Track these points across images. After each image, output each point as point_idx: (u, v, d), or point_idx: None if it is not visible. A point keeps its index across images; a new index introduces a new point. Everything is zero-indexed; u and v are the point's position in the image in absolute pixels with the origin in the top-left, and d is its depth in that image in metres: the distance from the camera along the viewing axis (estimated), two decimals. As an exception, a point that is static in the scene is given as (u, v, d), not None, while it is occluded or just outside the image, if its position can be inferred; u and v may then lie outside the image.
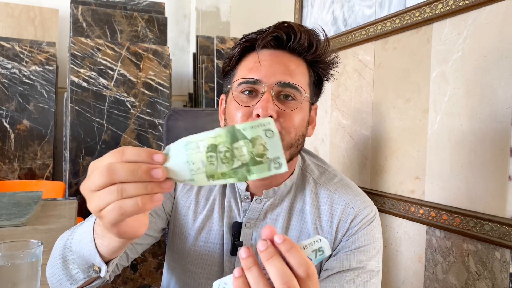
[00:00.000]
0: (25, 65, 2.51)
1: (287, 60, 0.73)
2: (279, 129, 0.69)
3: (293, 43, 0.73)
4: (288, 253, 0.41)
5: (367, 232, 0.74)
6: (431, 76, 1.13)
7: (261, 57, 0.73)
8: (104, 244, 0.57)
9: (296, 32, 0.73)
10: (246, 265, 0.42)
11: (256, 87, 0.71)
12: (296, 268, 0.41)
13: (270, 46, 0.74)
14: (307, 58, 0.76)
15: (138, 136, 2.46)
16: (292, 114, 0.71)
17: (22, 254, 0.60)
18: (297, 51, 0.74)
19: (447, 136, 1.08)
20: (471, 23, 1.02)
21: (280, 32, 0.72)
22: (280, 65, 0.72)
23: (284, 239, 0.42)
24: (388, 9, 1.28)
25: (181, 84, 3.30)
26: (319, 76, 0.79)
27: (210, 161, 0.42)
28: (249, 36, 0.75)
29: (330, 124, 1.59)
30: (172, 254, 0.88)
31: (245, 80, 0.72)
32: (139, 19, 2.68)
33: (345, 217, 0.75)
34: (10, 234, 1.05)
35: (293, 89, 0.71)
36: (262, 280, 0.41)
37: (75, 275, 0.65)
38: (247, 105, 0.71)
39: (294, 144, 0.73)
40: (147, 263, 2.36)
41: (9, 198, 1.41)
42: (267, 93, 0.69)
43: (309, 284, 0.42)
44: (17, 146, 2.47)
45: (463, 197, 1.04)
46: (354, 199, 0.77)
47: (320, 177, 0.81)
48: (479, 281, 1.01)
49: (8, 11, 2.69)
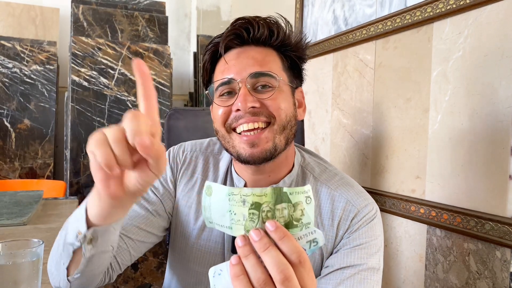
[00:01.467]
0: (26, 65, 2.51)
1: (254, 52, 0.75)
2: (267, 113, 0.71)
3: (254, 35, 0.74)
4: (281, 241, 0.43)
5: (368, 230, 0.74)
6: (432, 76, 1.13)
7: (228, 58, 0.75)
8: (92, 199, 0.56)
9: (254, 24, 0.74)
10: (243, 253, 0.43)
11: (232, 86, 0.73)
12: (289, 255, 0.43)
13: (235, 45, 0.76)
14: (273, 45, 0.77)
15: (139, 135, 2.46)
16: (274, 99, 0.72)
17: (23, 253, 0.60)
18: (261, 41, 0.75)
19: (447, 136, 1.08)
20: (472, 22, 1.01)
21: (239, 29, 0.74)
22: (248, 59, 0.74)
23: (276, 227, 0.43)
24: (388, 8, 1.28)
25: (182, 84, 3.30)
26: (292, 60, 0.79)
27: (251, 218, 0.44)
28: (213, 42, 0.78)
29: (331, 123, 1.59)
30: (174, 253, 0.88)
31: (220, 82, 0.74)
32: (139, 19, 2.68)
33: (346, 214, 0.75)
34: (11, 233, 1.05)
35: (267, 76, 0.72)
36: (259, 268, 0.42)
37: (66, 248, 0.63)
38: (226, 105, 0.73)
39: (287, 126, 0.74)
40: (148, 262, 2.36)
41: (10, 197, 1.41)
42: (243, 88, 0.71)
43: (302, 271, 0.43)
44: (18, 146, 2.47)
45: (464, 196, 1.04)
46: (355, 197, 0.76)
47: (321, 175, 0.81)
48: (480, 281, 1.01)
49: (9, 10, 2.69)
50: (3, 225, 1.11)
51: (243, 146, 0.71)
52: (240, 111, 0.71)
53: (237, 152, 0.73)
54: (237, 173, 0.81)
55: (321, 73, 1.66)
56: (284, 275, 0.42)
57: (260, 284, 0.42)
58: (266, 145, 0.71)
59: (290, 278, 0.42)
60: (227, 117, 0.73)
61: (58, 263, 0.66)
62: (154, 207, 0.82)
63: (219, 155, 0.87)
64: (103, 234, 0.60)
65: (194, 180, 0.85)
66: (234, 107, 0.71)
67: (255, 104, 0.70)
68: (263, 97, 0.72)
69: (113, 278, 0.76)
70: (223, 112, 0.73)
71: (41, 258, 0.62)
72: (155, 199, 0.83)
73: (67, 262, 0.63)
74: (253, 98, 0.71)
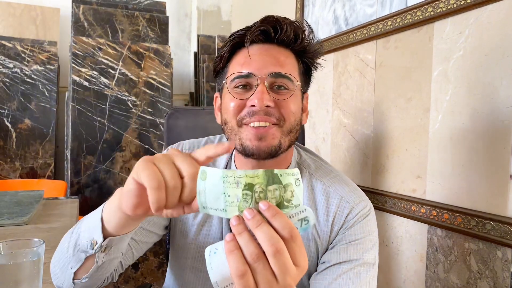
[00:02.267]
0: (26, 65, 2.51)
1: (276, 52, 0.75)
2: (278, 116, 0.72)
3: (280, 35, 0.75)
4: (273, 218, 0.44)
5: (363, 225, 0.75)
6: (433, 75, 1.13)
7: (251, 52, 0.75)
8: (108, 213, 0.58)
9: (282, 24, 0.74)
10: (237, 231, 0.45)
11: (249, 80, 0.73)
12: (281, 230, 0.44)
13: (259, 40, 0.76)
14: (294, 49, 0.78)
15: (140, 135, 2.46)
16: (288, 101, 0.73)
17: (24, 253, 0.60)
18: (285, 42, 0.76)
19: (448, 135, 1.08)
20: (473, 22, 1.01)
21: (267, 26, 0.74)
22: (270, 57, 0.74)
23: (268, 205, 0.45)
24: (389, 8, 1.28)
25: (182, 83, 3.30)
26: (307, 66, 0.81)
27: (244, 198, 0.46)
28: (238, 33, 0.77)
29: (332, 123, 1.59)
30: (173, 251, 0.88)
31: (238, 75, 0.74)
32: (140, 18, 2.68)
33: (341, 211, 0.76)
34: (12, 233, 1.05)
35: (285, 78, 0.73)
36: (252, 243, 0.44)
37: (77, 254, 0.64)
38: (241, 98, 0.73)
39: (294, 129, 0.75)
40: (149, 262, 2.36)
41: (10, 197, 1.42)
42: (261, 85, 0.71)
43: (294, 246, 0.45)
44: (18, 145, 2.48)
45: (465, 196, 1.04)
46: (349, 193, 0.78)
47: (316, 171, 0.82)
48: (481, 280, 1.01)
49: (10, 10, 2.69)
50: (4, 225, 1.11)
51: (251, 138, 0.72)
52: (255, 107, 0.71)
53: (243, 144, 0.73)
54: (238, 168, 0.82)
55: (321, 73, 1.66)
56: (275, 248, 0.43)
57: (253, 258, 0.44)
58: (273, 141, 0.72)
59: (281, 251, 0.43)
60: (240, 110, 0.73)
61: (65, 266, 0.67)
62: None
63: None
64: (117, 243, 0.62)
65: None
66: (250, 103, 0.71)
67: (270, 103, 0.71)
68: (279, 98, 0.73)
69: (115, 278, 0.76)
70: (237, 105, 0.73)
71: (42, 258, 0.62)
72: None
73: (76, 267, 0.64)
74: (270, 97, 0.71)
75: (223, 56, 0.79)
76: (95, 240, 0.60)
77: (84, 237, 0.62)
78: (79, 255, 0.63)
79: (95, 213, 0.62)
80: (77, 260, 0.64)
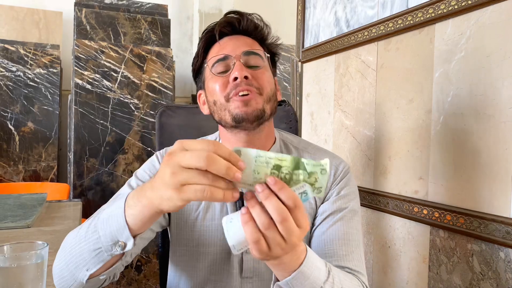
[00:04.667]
0: (29, 68, 2.52)
1: (243, 39, 0.89)
2: (257, 85, 0.83)
3: (244, 24, 0.88)
4: (280, 191, 0.53)
5: (347, 181, 0.91)
6: (434, 76, 1.13)
7: (222, 43, 0.88)
8: (135, 215, 0.61)
9: (244, 17, 0.89)
10: (250, 204, 0.54)
11: (227, 62, 0.85)
12: (286, 200, 0.53)
13: (227, 32, 0.89)
14: (257, 37, 0.91)
15: (142, 137, 2.47)
16: (262, 74, 0.85)
17: (27, 256, 0.61)
18: (248, 31, 0.89)
19: (450, 137, 1.08)
20: (474, 23, 1.02)
21: (231, 18, 0.88)
22: (240, 41, 0.87)
23: (275, 181, 0.53)
24: (390, 9, 1.28)
25: (185, 86, 3.31)
26: (270, 53, 0.94)
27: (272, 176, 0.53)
28: (208, 29, 0.91)
29: (333, 124, 1.59)
30: (180, 247, 0.90)
31: (216, 59, 0.85)
32: (142, 22, 2.69)
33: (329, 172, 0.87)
34: (16, 235, 1.06)
35: (256, 55, 0.86)
36: (263, 214, 0.53)
37: (96, 256, 0.65)
38: (224, 76, 0.84)
39: (272, 98, 0.86)
40: (151, 264, 2.36)
41: (14, 200, 1.42)
42: (237, 62, 0.83)
43: (297, 213, 0.54)
44: (22, 148, 2.49)
45: (467, 197, 1.04)
46: (332, 158, 0.93)
47: (299, 144, 0.97)
48: (484, 282, 1.00)
49: (13, 14, 2.70)
50: (8, 227, 1.11)
51: (238, 106, 0.81)
52: (237, 80, 0.81)
53: (232, 114, 0.82)
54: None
55: (323, 74, 1.67)
56: (282, 216, 0.52)
57: (265, 226, 0.53)
58: (257, 105, 0.82)
59: (287, 218, 0.53)
60: (225, 87, 0.83)
61: (78, 268, 0.68)
62: None
63: None
64: (141, 237, 0.68)
65: None
66: (232, 77, 0.82)
67: (248, 74, 0.82)
68: (254, 71, 0.84)
69: (116, 277, 0.77)
70: (222, 83, 0.84)
71: (46, 260, 0.62)
72: None
73: (96, 268, 0.67)
74: (247, 70, 0.83)
75: (199, 53, 0.91)
76: (123, 242, 0.63)
77: (106, 240, 0.64)
78: (101, 256, 0.65)
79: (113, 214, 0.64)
80: (98, 262, 0.66)
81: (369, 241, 1.40)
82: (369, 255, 1.40)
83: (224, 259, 0.86)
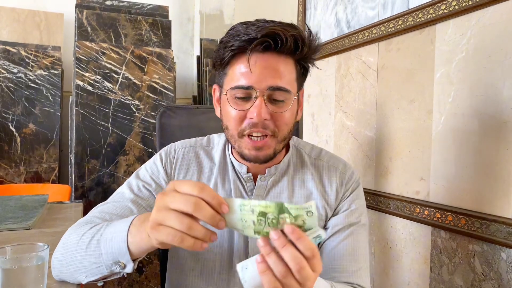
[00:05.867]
0: (30, 70, 2.53)
1: (275, 62, 0.78)
2: (273, 128, 0.78)
3: (280, 47, 0.76)
4: (298, 241, 0.53)
5: (358, 193, 0.90)
6: (435, 77, 1.13)
7: (251, 63, 0.77)
8: (135, 243, 0.63)
9: (283, 37, 0.75)
10: (266, 252, 0.54)
11: (249, 92, 0.77)
12: (304, 251, 0.53)
13: (260, 49, 0.77)
14: (294, 58, 0.81)
15: (143, 139, 2.47)
16: (281, 115, 0.79)
17: (28, 257, 0.61)
18: (284, 53, 0.79)
19: (451, 137, 1.08)
20: (475, 24, 1.01)
21: (268, 40, 0.75)
22: (269, 70, 0.77)
23: (293, 230, 0.53)
24: (391, 10, 1.28)
25: (186, 87, 3.31)
26: (304, 68, 0.85)
27: (259, 222, 0.55)
28: (238, 44, 0.77)
29: (334, 125, 1.59)
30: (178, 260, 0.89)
31: (238, 86, 0.78)
32: (143, 23, 2.70)
33: (341, 181, 0.90)
34: (17, 237, 1.06)
35: (284, 92, 0.78)
36: (280, 263, 0.53)
37: (96, 269, 0.68)
38: (241, 109, 0.78)
39: (287, 137, 0.83)
40: (153, 266, 2.36)
41: (15, 201, 1.42)
42: (259, 98, 0.76)
43: (315, 262, 0.54)
44: (23, 150, 2.49)
45: (468, 197, 1.04)
46: (343, 167, 0.92)
47: (311, 152, 0.94)
48: (485, 282, 1.00)
49: (14, 16, 2.71)
50: (9, 229, 1.11)
51: (249, 148, 0.79)
52: (253, 119, 0.77)
53: (242, 152, 0.81)
54: (238, 160, 0.88)
55: (324, 75, 1.66)
56: (299, 266, 0.53)
57: (282, 275, 0.53)
58: (269, 151, 0.80)
59: (305, 267, 0.53)
60: (241, 121, 0.79)
61: (77, 272, 0.70)
62: (147, 202, 0.85)
63: (208, 146, 0.93)
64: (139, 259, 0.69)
65: (191, 172, 0.89)
66: (249, 115, 0.77)
67: (267, 116, 0.76)
68: (276, 110, 0.78)
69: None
70: (238, 117, 0.79)
71: (47, 262, 0.62)
72: (147, 194, 0.86)
73: (94, 278, 0.69)
74: (267, 110, 0.77)
75: (223, 61, 0.81)
76: (123, 263, 0.65)
77: (107, 259, 0.66)
78: (101, 270, 0.68)
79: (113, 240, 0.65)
80: (97, 273, 0.68)
81: (371, 242, 1.40)
82: (370, 256, 1.40)
83: (225, 267, 0.85)
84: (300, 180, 0.89)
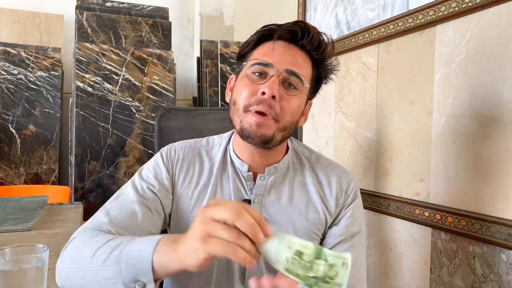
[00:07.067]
0: (31, 71, 2.53)
1: (297, 53, 0.83)
2: (278, 111, 0.78)
3: (305, 40, 0.82)
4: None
5: (358, 201, 0.90)
6: (435, 78, 1.13)
7: (275, 46, 0.82)
8: (162, 264, 0.61)
9: (310, 31, 0.82)
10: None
11: (267, 69, 0.80)
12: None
13: (285, 38, 0.83)
14: (313, 57, 0.85)
15: (143, 140, 2.47)
16: (291, 99, 0.80)
17: (28, 259, 0.61)
18: (307, 48, 0.83)
19: (451, 138, 1.08)
20: (475, 25, 1.01)
21: (296, 28, 0.81)
22: (290, 56, 0.81)
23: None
24: (391, 11, 1.28)
25: (186, 89, 3.31)
26: (319, 76, 0.88)
27: (292, 261, 0.53)
28: (269, 27, 0.84)
29: (334, 127, 1.59)
30: None
31: (258, 62, 0.81)
32: (143, 24, 2.70)
33: (340, 187, 0.90)
34: (17, 238, 1.06)
35: (298, 78, 0.81)
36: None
37: (112, 284, 0.64)
38: (256, 83, 0.80)
39: (288, 127, 0.82)
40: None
41: (15, 203, 1.42)
42: (275, 76, 0.78)
43: None
44: (23, 151, 2.49)
45: (468, 199, 1.04)
46: (342, 172, 0.92)
47: (311, 155, 0.94)
48: (485, 284, 1.00)
49: (14, 17, 2.71)
50: (9, 230, 1.11)
51: (251, 123, 0.79)
52: (263, 95, 0.77)
53: (242, 126, 0.80)
54: (239, 157, 0.88)
55: (324, 76, 1.66)
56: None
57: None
58: (267, 131, 0.79)
59: None
60: (251, 96, 0.79)
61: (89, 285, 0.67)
62: (152, 204, 0.84)
63: (208, 146, 0.94)
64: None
65: (192, 173, 0.89)
66: (261, 89, 0.78)
67: (277, 94, 0.77)
68: (286, 92, 0.80)
69: None
70: (250, 91, 0.80)
71: (46, 264, 0.62)
72: (151, 195, 0.84)
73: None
74: (278, 89, 0.78)
75: (250, 43, 0.86)
76: (144, 282, 0.62)
77: (126, 276, 0.63)
78: (116, 286, 0.64)
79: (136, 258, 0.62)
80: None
81: (371, 244, 1.40)
82: (370, 257, 1.40)
83: (225, 266, 0.85)
84: (301, 183, 0.89)
